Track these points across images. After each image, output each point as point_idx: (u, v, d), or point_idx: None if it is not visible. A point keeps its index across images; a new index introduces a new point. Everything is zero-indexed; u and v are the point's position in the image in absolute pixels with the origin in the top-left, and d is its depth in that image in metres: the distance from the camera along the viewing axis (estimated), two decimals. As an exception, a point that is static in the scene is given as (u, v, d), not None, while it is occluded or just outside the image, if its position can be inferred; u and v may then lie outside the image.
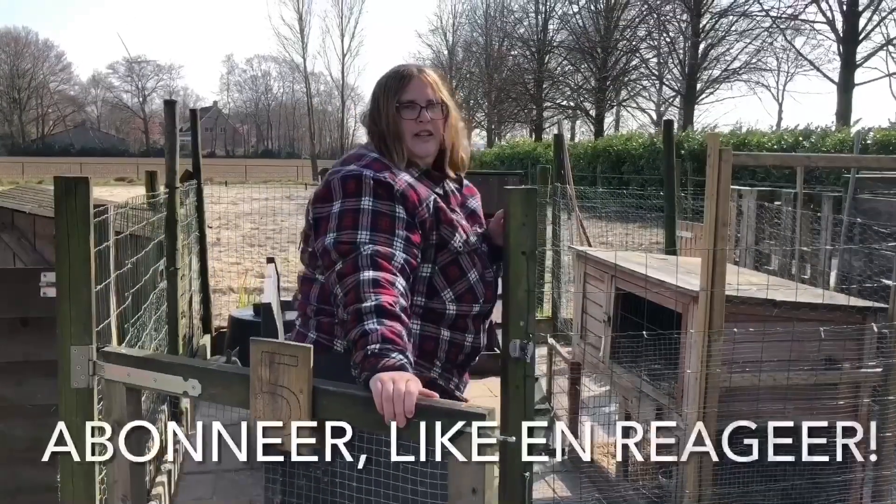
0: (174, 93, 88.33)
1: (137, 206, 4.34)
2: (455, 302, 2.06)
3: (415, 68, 2.13)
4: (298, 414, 1.77)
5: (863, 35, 29.84)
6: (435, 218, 2.01)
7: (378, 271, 1.83)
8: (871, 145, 17.18)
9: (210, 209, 9.11)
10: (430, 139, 2.08)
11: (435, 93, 2.10)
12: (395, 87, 2.09)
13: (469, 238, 2.08)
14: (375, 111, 2.11)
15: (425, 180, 2.08)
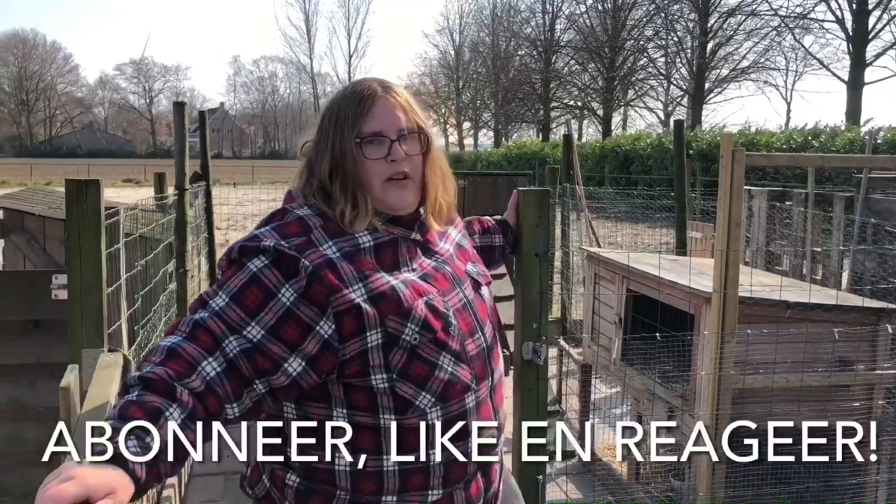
0: (181, 94, 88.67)
1: (147, 208, 4.34)
2: (439, 405, 1.45)
3: (378, 86, 1.51)
4: None
5: (872, 34, 29.72)
6: (376, 308, 1.39)
7: (188, 342, 1.31)
8: (881, 144, 17.11)
9: (218, 210, 9.12)
10: (407, 184, 1.49)
11: (409, 118, 1.50)
12: (353, 114, 1.47)
13: (438, 306, 1.46)
14: (323, 149, 1.49)
15: (394, 228, 1.51)
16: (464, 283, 1.56)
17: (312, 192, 1.50)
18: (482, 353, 1.52)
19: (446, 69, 62.41)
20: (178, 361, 1.28)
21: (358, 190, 1.47)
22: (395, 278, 1.44)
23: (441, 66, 63.48)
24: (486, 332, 1.55)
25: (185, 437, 1.22)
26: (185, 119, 4.89)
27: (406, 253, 1.51)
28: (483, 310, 1.57)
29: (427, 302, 1.45)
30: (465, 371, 1.48)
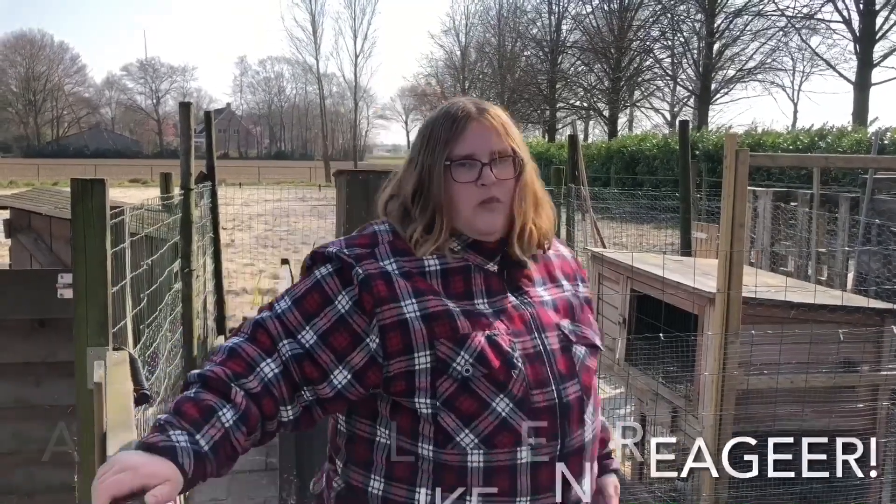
0: (187, 94, 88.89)
1: (152, 208, 4.36)
2: (482, 448, 1.34)
3: (473, 106, 1.46)
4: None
5: (880, 34, 29.63)
6: (426, 325, 1.34)
7: (249, 343, 1.35)
8: (888, 145, 17.06)
9: (223, 210, 9.15)
10: (496, 208, 1.41)
11: (502, 141, 1.43)
12: (445, 135, 1.42)
13: (502, 343, 1.36)
14: (412, 168, 1.46)
15: (471, 255, 1.43)
16: (546, 333, 1.41)
17: (394, 209, 1.47)
18: (553, 410, 1.36)
19: (452, 70, 62.43)
20: (238, 361, 1.32)
21: (437, 213, 1.41)
22: (459, 305, 1.37)
23: (447, 66, 63.51)
24: (564, 390, 1.38)
25: (234, 439, 1.25)
26: (190, 119, 4.90)
27: (482, 283, 1.42)
28: (566, 366, 1.40)
29: (489, 336, 1.36)
30: (524, 422, 1.34)
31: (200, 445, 1.20)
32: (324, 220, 15.70)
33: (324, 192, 21.82)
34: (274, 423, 1.34)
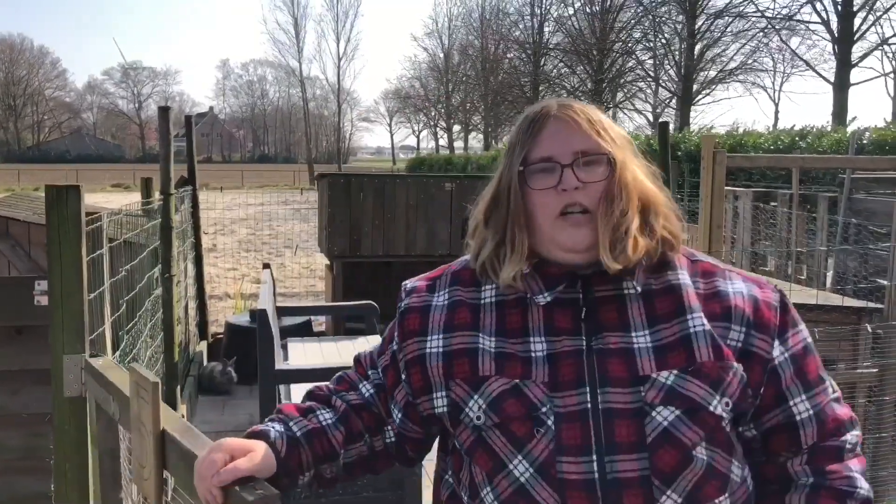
0: (170, 98, 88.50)
1: (132, 213, 4.33)
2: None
3: (554, 103, 1.25)
4: (151, 458, 1.44)
5: (858, 35, 29.91)
6: (441, 365, 1.22)
7: (353, 370, 1.40)
8: (867, 145, 17.21)
9: (206, 215, 9.10)
10: (583, 219, 1.18)
11: (590, 138, 1.20)
12: (523, 138, 1.23)
13: (531, 394, 1.15)
14: (495, 181, 1.29)
15: (538, 280, 1.21)
16: (609, 388, 1.13)
17: (470, 231, 1.31)
18: (589, 486, 1.10)
19: (435, 72, 62.50)
20: (343, 383, 1.37)
21: (512, 229, 1.22)
22: (502, 344, 1.19)
23: (430, 68, 63.59)
24: (614, 463, 1.10)
25: (331, 436, 1.26)
26: (169, 124, 4.88)
27: (541, 318, 1.20)
28: (630, 434, 1.11)
29: (518, 384, 1.15)
30: (546, 494, 1.12)
31: (293, 431, 1.24)
32: (307, 224, 15.67)
33: (306, 195, 21.75)
34: (380, 441, 1.31)
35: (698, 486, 1.11)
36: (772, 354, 1.18)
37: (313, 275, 11.54)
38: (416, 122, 74.07)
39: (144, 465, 1.47)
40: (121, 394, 1.74)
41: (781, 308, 1.22)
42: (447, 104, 60.70)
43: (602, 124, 1.22)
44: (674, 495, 1.10)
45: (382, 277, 7.45)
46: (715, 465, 1.13)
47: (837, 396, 1.25)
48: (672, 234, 1.22)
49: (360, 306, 5.35)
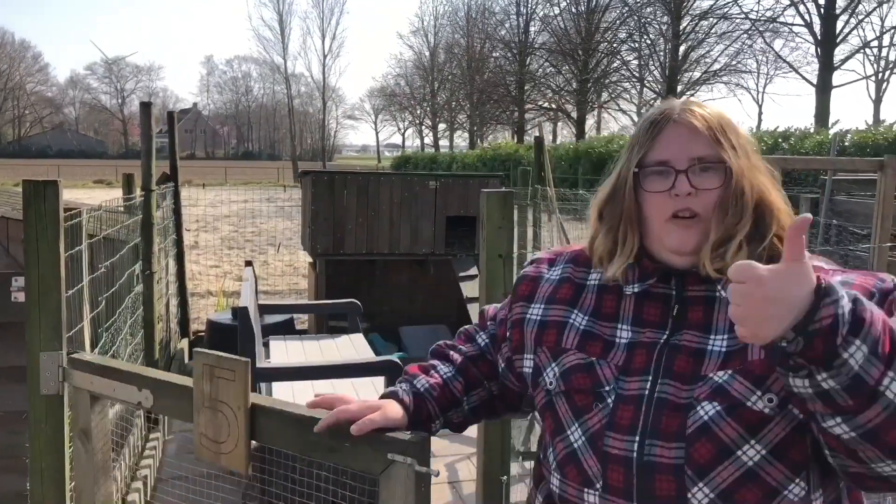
0: (153, 94, 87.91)
1: (112, 209, 4.29)
2: (558, 473, 1.26)
3: (679, 105, 1.26)
4: (237, 432, 1.62)
5: (840, 38, 30.19)
6: (534, 332, 1.34)
7: (475, 325, 1.58)
8: (848, 147, 17.38)
9: (188, 212, 9.05)
10: (693, 223, 1.21)
11: (710, 144, 1.22)
12: (643, 139, 1.26)
13: (601, 373, 1.23)
14: (613, 177, 1.32)
15: (630, 272, 1.29)
16: (669, 381, 1.18)
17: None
18: (626, 463, 1.16)
19: (421, 70, 62.47)
20: (461, 337, 1.56)
21: (624, 225, 1.27)
22: (592, 324, 1.28)
23: (416, 67, 63.56)
24: (653, 447, 1.15)
25: (452, 387, 1.43)
26: (151, 119, 4.84)
27: (632, 309, 1.27)
28: (671, 425, 1.15)
29: (592, 361, 1.24)
30: (591, 463, 1.20)
31: (417, 387, 1.41)
32: (291, 221, 15.61)
33: (289, 192, 21.68)
34: (497, 386, 1.46)
35: (735, 486, 1.11)
36: None
37: (296, 272, 11.49)
38: (402, 120, 74.02)
39: (223, 440, 1.65)
40: (158, 382, 1.87)
41: (881, 295, 1.14)
42: (433, 102, 60.70)
43: (723, 131, 1.23)
44: (706, 489, 1.12)
45: (366, 275, 7.43)
46: (759, 472, 1.11)
47: None
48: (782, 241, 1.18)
49: (342, 304, 5.34)
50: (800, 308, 0.95)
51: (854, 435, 1.00)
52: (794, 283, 0.95)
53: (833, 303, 0.94)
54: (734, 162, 1.21)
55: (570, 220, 10.52)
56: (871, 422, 0.98)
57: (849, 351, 0.94)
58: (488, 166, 32.90)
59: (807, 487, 1.13)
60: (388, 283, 7.52)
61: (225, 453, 1.66)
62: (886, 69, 35.22)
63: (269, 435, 1.62)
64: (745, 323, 0.98)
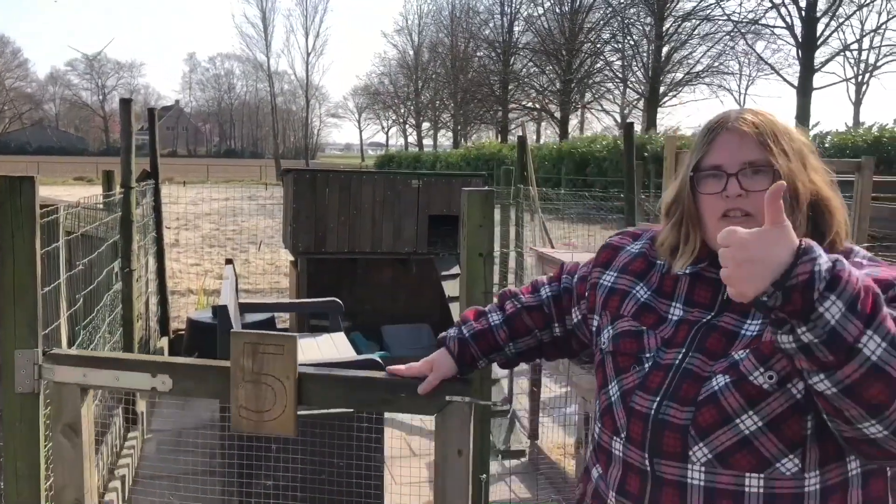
0: (135, 91, 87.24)
1: (90, 206, 4.25)
2: (599, 422, 1.46)
3: (734, 114, 1.38)
4: (284, 399, 1.86)
5: (821, 40, 30.47)
6: (603, 296, 1.51)
7: (548, 276, 1.77)
8: (828, 148, 17.54)
9: (169, 209, 8.98)
10: (744, 222, 1.28)
11: (760, 149, 1.32)
12: (700, 145, 1.39)
13: (647, 341, 1.39)
14: (679, 179, 1.45)
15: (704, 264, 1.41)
16: (698, 355, 1.31)
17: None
18: (645, 419, 1.32)
19: (405, 69, 62.42)
20: (530, 286, 1.75)
21: (686, 224, 1.40)
22: (651, 298, 1.43)
23: (400, 66, 63.52)
24: (668, 407, 1.30)
25: (496, 334, 1.69)
26: (131, 116, 4.79)
27: (686, 290, 1.40)
28: (687, 391, 1.29)
29: (641, 330, 1.40)
30: (621, 415, 1.37)
31: (464, 334, 1.70)
32: (273, 220, 15.55)
33: (271, 190, 21.58)
34: (548, 335, 1.69)
35: (730, 451, 1.24)
36: None
37: (278, 271, 11.45)
38: (386, 118, 73.92)
39: (268, 409, 1.86)
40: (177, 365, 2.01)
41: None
42: (416, 101, 60.68)
43: (774, 136, 1.32)
44: (705, 448, 1.26)
45: (347, 274, 7.41)
46: (754, 441, 1.23)
47: None
48: (840, 239, 1.33)
49: (324, 303, 5.32)
50: (780, 266, 1.04)
51: (836, 391, 1.08)
52: (774, 243, 1.05)
53: (811, 260, 1.03)
54: (783, 165, 1.30)
55: (553, 219, 10.55)
56: (848, 377, 1.05)
57: (824, 305, 1.02)
58: (472, 166, 32.92)
59: (800, 465, 1.22)
60: (371, 281, 7.51)
61: (270, 420, 1.86)
62: (866, 72, 35.61)
63: (319, 397, 1.89)
64: (732, 282, 1.08)
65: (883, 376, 1.04)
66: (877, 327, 1.04)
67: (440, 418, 1.78)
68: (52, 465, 2.11)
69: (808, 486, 1.23)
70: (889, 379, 1.04)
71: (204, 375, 1.97)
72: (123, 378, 2.03)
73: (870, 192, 3.54)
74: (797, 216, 1.29)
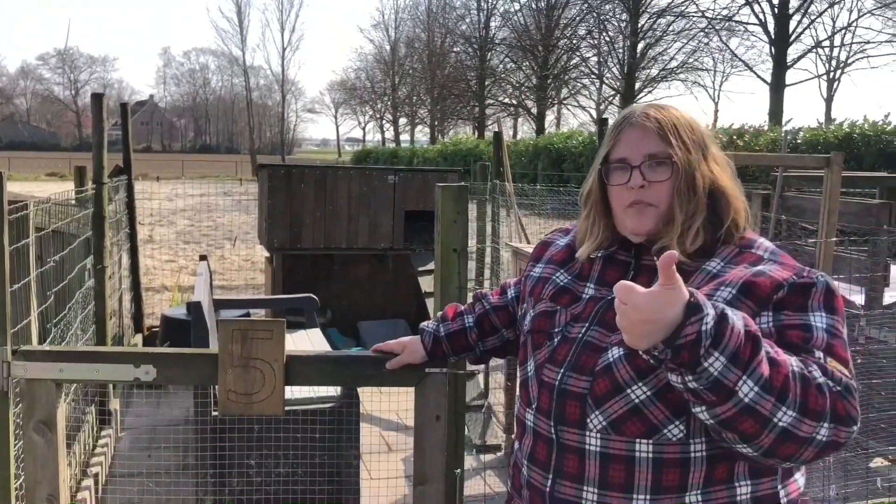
0: (109, 86, 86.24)
1: (61, 202, 4.21)
2: (518, 395, 1.60)
3: (638, 109, 1.50)
4: (273, 380, 1.97)
5: (793, 37, 30.78)
6: (531, 285, 1.62)
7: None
8: (800, 144, 17.73)
9: (143, 205, 8.90)
10: (646, 211, 1.44)
11: (660, 142, 1.43)
12: (608, 139, 1.51)
13: (558, 319, 1.50)
14: (591, 173, 1.57)
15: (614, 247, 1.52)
16: (599, 329, 1.42)
17: None
18: (551, 389, 1.43)
19: (382, 64, 62.23)
20: (501, 287, 1.89)
21: (596, 215, 1.52)
22: (570, 282, 1.54)
23: (377, 61, 63.31)
24: (569, 378, 1.41)
25: (468, 335, 1.83)
26: (103, 110, 4.74)
27: (599, 271, 1.51)
28: (587, 361, 1.40)
29: (555, 309, 1.52)
30: (534, 387, 1.49)
31: (440, 332, 1.86)
32: (248, 216, 15.44)
33: (246, 186, 21.45)
34: (512, 333, 1.80)
35: (623, 419, 1.35)
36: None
37: (254, 267, 11.38)
38: (362, 114, 73.66)
39: (256, 391, 1.99)
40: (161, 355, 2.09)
41: (791, 289, 1.32)
42: (393, 97, 60.51)
43: (675, 130, 1.44)
44: (600, 416, 1.37)
45: (323, 270, 7.39)
46: (643, 410, 1.34)
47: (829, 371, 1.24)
48: (737, 226, 1.44)
49: (299, 299, 5.31)
50: (670, 326, 1.13)
51: (713, 422, 1.20)
52: (665, 306, 1.13)
53: (698, 321, 1.12)
54: (682, 157, 1.42)
55: (529, 214, 10.58)
56: (724, 414, 1.17)
57: (709, 360, 1.13)
58: (449, 161, 32.90)
59: (685, 431, 1.33)
60: (347, 277, 7.49)
61: (258, 402, 1.99)
62: (837, 68, 36.02)
63: (307, 377, 2.07)
64: (626, 336, 1.18)
65: (754, 414, 1.16)
66: (751, 373, 1.14)
67: (420, 389, 2.02)
68: (24, 462, 2.09)
69: (693, 453, 1.33)
70: (759, 416, 1.16)
71: (189, 363, 2.07)
72: (104, 370, 2.06)
73: (839, 187, 3.59)
74: (696, 203, 1.41)
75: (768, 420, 1.16)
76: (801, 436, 1.18)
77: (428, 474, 2.22)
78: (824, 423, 1.18)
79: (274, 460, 3.41)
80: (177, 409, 5.02)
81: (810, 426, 1.17)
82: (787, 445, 1.18)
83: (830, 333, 1.29)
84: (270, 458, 3.40)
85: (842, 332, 1.31)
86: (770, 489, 1.36)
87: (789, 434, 1.17)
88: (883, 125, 16.17)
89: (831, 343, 1.28)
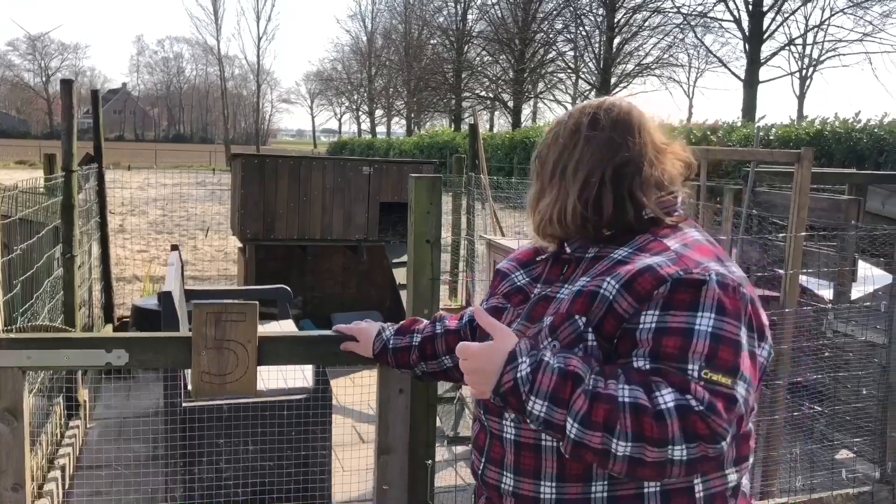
0: (80, 73, 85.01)
1: (29, 190, 4.14)
2: None
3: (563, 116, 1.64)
4: (247, 361, 2.04)
5: (767, 34, 31.03)
6: (496, 278, 1.73)
7: None
8: (773, 141, 17.92)
9: (115, 194, 8.79)
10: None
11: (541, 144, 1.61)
12: None
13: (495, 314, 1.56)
14: None
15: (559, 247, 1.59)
16: (524, 320, 1.50)
17: None
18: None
19: (359, 55, 61.94)
20: (464, 311, 1.89)
21: None
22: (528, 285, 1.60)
23: (353, 52, 63.03)
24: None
25: (411, 355, 1.88)
26: (73, 97, 4.66)
27: (545, 272, 1.58)
28: None
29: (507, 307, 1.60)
30: None
31: (391, 343, 1.93)
32: (222, 206, 15.29)
33: (219, 175, 21.26)
34: (451, 360, 1.82)
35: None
36: (634, 318, 1.33)
37: (227, 258, 11.29)
38: (339, 105, 73.27)
39: (229, 372, 2.04)
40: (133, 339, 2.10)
41: (673, 287, 1.31)
42: (370, 88, 60.26)
43: (554, 129, 1.57)
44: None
45: (297, 261, 7.35)
46: None
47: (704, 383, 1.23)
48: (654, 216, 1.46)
49: (272, 290, 5.27)
50: (496, 375, 1.30)
51: (568, 456, 1.30)
52: (488, 360, 1.31)
53: (513, 369, 1.28)
54: (542, 153, 1.59)
55: (504, 207, 10.59)
56: (567, 448, 1.27)
57: (530, 405, 1.27)
58: (425, 153, 32.84)
59: None
60: (320, 269, 7.46)
61: (232, 382, 2.04)
62: (810, 66, 36.35)
63: (279, 356, 2.16)
64: (469, 385, 1.37)
65: (587, 447, 1.24)
66: (569, 410, 1.24)
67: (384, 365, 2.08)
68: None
69: None
70: (593, 449, 1.23)
71: (163, 347, 2.10)
72: (74, 356, 2.07)
73: (808, 183, 3.62)
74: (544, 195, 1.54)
75: (606, 451, 1.21)
76: (651, 461, 1.20)
77: (391, 445, 2.35)
78: (675, 446, 1.18)
79: (244, 453, 3.39)
80: (146, 400, 4.97)
81: (657, 452, 1.19)
82: (644, 469, 1.22)
83: (716, 337, 1.25)
84: (240, 450, 3.38)
85: (733, 334, 1.26)
86: (686, 483, 1.34)
87: (638, 461, 1.21)
88: (853, 123, 16.37)
89: (715, 348, 1.24)
